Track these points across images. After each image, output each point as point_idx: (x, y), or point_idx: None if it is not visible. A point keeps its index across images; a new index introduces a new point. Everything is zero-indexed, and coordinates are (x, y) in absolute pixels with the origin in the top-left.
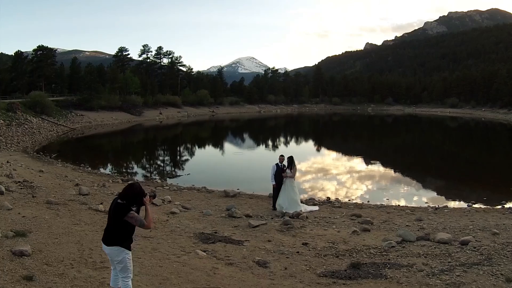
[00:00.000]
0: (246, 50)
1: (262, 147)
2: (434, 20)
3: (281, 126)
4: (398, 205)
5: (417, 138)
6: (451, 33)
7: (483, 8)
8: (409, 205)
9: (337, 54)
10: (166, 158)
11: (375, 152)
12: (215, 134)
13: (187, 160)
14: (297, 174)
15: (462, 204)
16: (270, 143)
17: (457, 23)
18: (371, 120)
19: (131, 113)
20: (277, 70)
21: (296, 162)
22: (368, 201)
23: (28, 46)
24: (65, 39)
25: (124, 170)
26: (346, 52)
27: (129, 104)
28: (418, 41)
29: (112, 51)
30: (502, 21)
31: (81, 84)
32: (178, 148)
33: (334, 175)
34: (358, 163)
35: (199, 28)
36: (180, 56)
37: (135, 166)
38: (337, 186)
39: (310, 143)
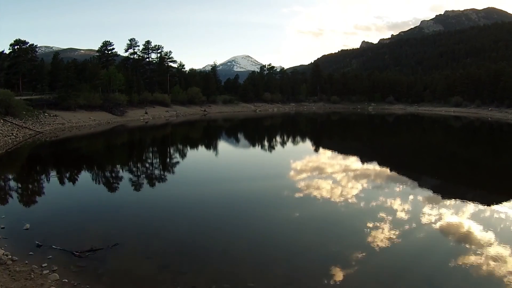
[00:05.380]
0: (241, 48)
1: (263, 161)
2: (431, 19)
3: (280, 128)
4: None
5: (439, 143)
6: (448, 31)
7: (480, 7)
8: None
9: (334, 52)
10: (117, 189)
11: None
12: (203, 140)
13: (146, 195)
14: None
15: None
16: (273, 153)
17: (453, 22)
18: (374, 120)
19: (113, 112)
20: (273, 67)
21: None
22: None
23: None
24: (60, 37)
25: (33, 215)
26: (342, 50)
27: (111, 102)
28: (415, 39)
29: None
30: (499, 19)
31: (60, 81)
32: (142, 168)
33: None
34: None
35: (195, 26)
36: (170, 51)
37: (58, 208)
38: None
39: (318, 150)
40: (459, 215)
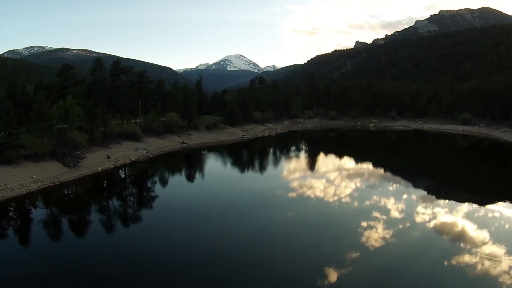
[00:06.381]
0: (234, 47)
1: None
2: (425, 19)
3: (268, 164)
4: None
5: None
6: (445, 33)
7: (474, 6)
8: None
9: (327, 52)
10: None
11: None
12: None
13: None
14: None
15: None
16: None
17: (448, 22)
18: (375, 137)
19: (64, 163)
20: (264, 80)
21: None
22: None
23: (18, 44)
24: (52, 37)
25: None
26: (336, 50)
27: (66, 145)
28: (410, 40)
29: (101, 49)
30: (494, 19)
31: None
32: None
33: None
34: None
35: (188, 25)
36: (144, 71)
37: None
38: None
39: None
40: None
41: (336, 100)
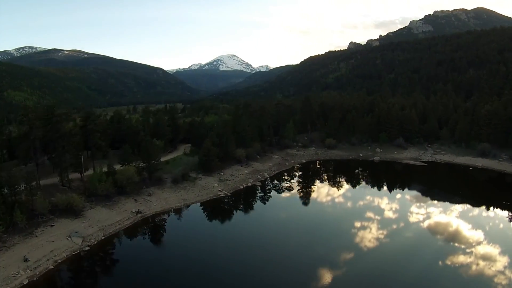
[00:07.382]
0: (227, 47)
1: None
2: (420, 19)
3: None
4: None
5: None
6: (443, 35)
7: (469, 7)
8: None
9: (321, 53)
10: None
11: None
12: None
13: None
14: None
15: None
16: None
17: (443, 22)
18: (385, 175)
19: None
20: (249, 105)
21: None
22: None
23: (9, 45)
24: (44, 38)
25: None
26: (329, 51)
27: None
28: (407, 43)
29: (93, 49)
30: (488, 20)
31: None
32: None
33: None
34: None
35: (181, 25)
36: (92, 112)
37: None
38: None
39: None
40: None
41: (334, 124)
